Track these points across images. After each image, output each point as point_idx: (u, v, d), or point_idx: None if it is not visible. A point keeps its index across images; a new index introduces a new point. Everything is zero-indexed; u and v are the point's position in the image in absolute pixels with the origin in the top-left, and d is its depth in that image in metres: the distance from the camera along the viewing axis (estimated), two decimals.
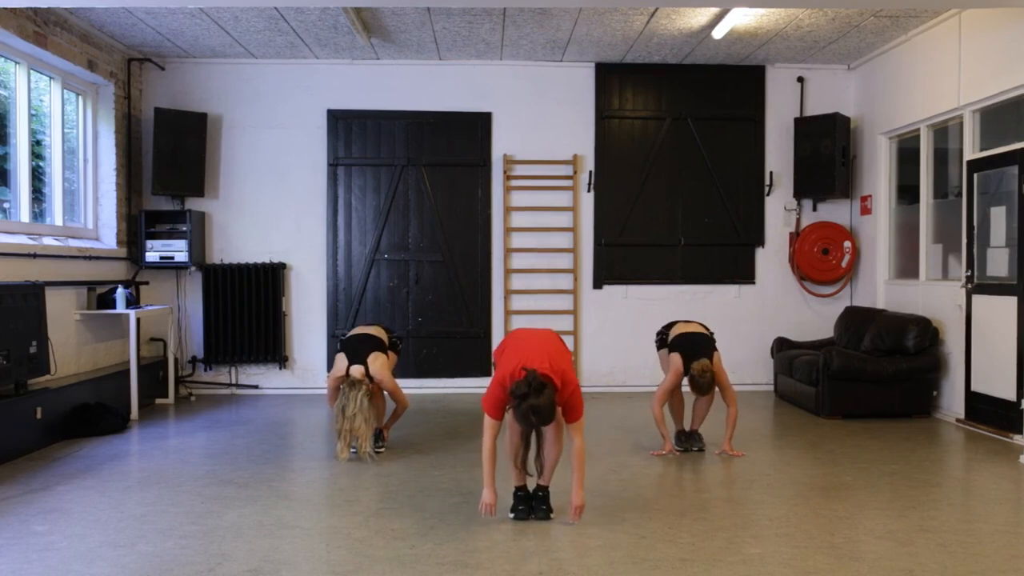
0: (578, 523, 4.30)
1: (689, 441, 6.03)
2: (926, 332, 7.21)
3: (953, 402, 7.19)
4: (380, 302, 8.76)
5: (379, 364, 5.67)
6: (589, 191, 8.88)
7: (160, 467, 5.58)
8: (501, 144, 8.84)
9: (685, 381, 5.94)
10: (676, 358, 5.81)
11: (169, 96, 8.64)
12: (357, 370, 5.60)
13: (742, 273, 8.98)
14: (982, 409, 6.77)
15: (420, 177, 8.82)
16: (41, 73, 7.29)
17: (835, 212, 9.03)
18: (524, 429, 4.21)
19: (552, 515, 4.41)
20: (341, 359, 5.69)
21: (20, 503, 4.70)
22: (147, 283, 8.53)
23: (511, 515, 4.41)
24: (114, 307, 7.47)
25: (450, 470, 5.46)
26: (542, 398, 3.99)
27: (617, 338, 8.84)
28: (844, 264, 8.82)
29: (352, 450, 5.91)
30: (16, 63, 6.87)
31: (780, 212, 9.03)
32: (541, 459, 4.42)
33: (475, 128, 8.84)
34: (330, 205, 8.75)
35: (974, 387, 6.87)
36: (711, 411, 6.04)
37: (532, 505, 4.42)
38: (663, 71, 8.89)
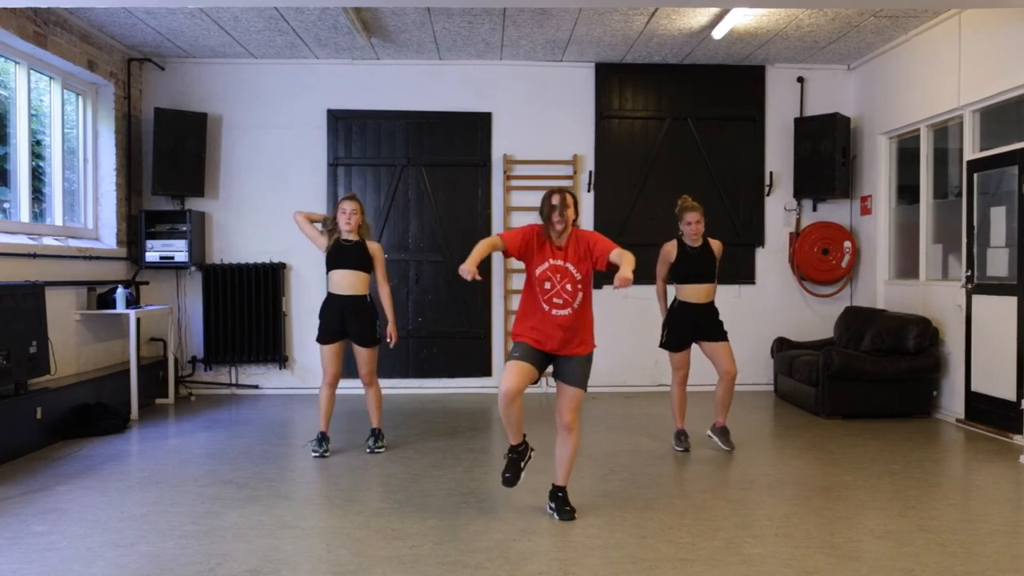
0: (579, 522, 4.31)
1: (722, 437, 5.97)
2: (926, 332, 7.21)
3: (953, 402, 7.19)
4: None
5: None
6: (589, 191, 8.88)
7: (160, 467, 5.58)
8: (501, 144, 8.84)
9: (688, 383, 6.00)
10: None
11: (169, 96, 8.64)
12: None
13: (742, 273, 8.97)
14: (982, 409, 6.77)
15: (420, 177, 8.82)
16: (41, 73, 7.29)
17: (835, 212, 9.03)
18: (549, 212, 4.31)
19: (576, 516, 4.39)
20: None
21: (20, 503, 4.70)
22: (147, 283, 8.53)
23: (502, 481, 4.43)
24: (114, 307, 7.47)
25: (450, 470, 5.46)
26: (566, 190, 4.43)
27: (617, 338, 8.83)
28: (844, 264, 8.82)
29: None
30: (16, 63, 6.87)
31: (780, 212, 9.03)
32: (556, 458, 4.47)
33: (475, 128, 8.84)
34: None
35: (974, 387, 6.87)
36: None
37: (521, 474, 4.48)
38: (663, 71, 8.89)
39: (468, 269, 4.06)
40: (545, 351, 4.35)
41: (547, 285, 4.31)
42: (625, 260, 4.16)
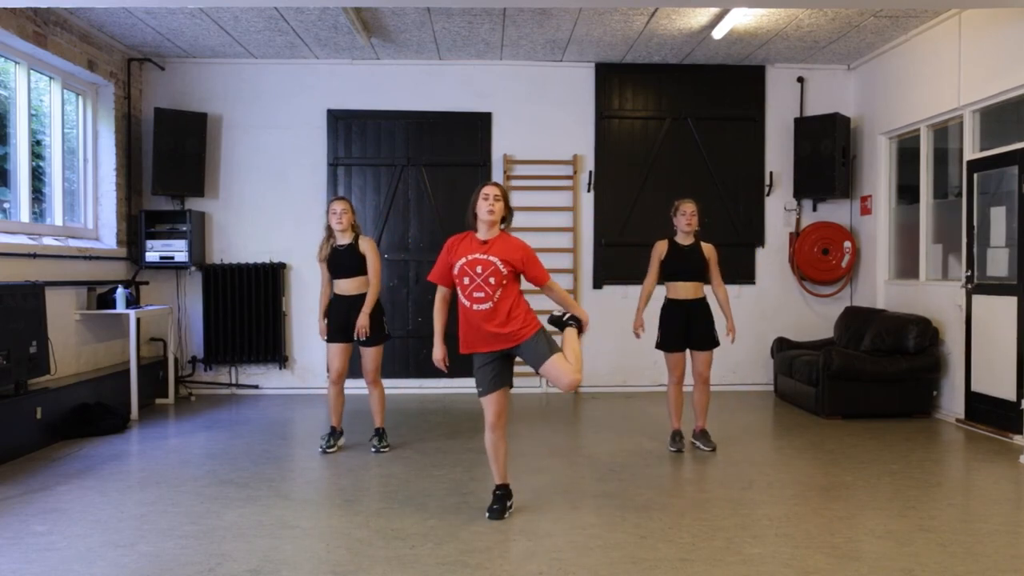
0: (578, 522, 4.31)
1: (703, 439, 6.06)
2: (926, 332, 7.21)
3: (953, 402, 7.19)
4: (380, 302, 8.75)
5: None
6: (589, 191, 8.88)
7: (160, 467, 5.58)
8: (501, 144, 8.84)
9: (688, 383, 6.00)
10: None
11: (169, 96, 8.64)
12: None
13: (742, 273, 8.96)
14: (982, 409, 6.77)
15: (420, 177, 8.81)
16: (41, 73, 7.29)
17: (835, 212, 9.03)
18: (479, 211, 4.50)
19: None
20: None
21: (20, 503, 4.70)
22: (147, 283, 8.53)
23: (487, 514, 4.40)
24: (114, 307, 7.47)
25: (450, 470, 5.46)
26: (498, 184, 4.54)
27: (617, 338, 8.81)
28: (844, 264, 8.82)
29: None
30: (16, 63, 6.87)
31: (780, 212, 9.03)
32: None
33: (475, 128, 8.84)
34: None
35: (974, 387, 6.87)
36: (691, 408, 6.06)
37: (507, 513, 4.41)
38: (663, 71, 8.89)
39: (439, 356, 4.49)
40: (495, 351, 4.35)
41: (466, 280, 4.35)
42: (572, 304, 4.55)
